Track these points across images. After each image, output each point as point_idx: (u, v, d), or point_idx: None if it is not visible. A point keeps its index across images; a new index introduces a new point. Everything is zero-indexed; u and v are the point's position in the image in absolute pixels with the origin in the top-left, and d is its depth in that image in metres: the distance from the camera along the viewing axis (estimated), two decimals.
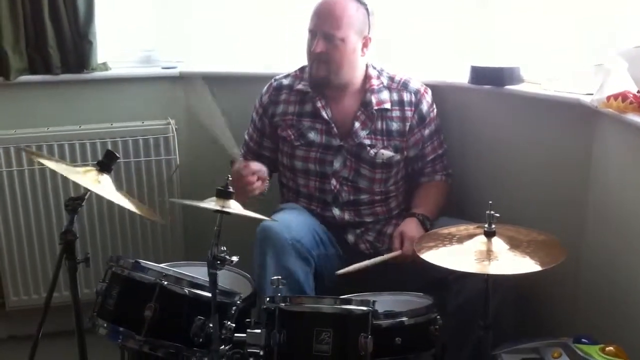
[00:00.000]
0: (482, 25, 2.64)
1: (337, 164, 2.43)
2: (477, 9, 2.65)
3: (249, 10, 2.90)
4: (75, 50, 2.81)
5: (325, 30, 2.32)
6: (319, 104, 2.43)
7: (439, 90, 2.58)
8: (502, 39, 2.61)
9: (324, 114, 2.42)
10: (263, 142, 2.55)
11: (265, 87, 2.55)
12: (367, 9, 2.37)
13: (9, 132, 2.77)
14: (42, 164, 2.47)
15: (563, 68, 2.39)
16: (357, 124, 2.41)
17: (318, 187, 2.45)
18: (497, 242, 1.86)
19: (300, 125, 2.44)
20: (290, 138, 2.45)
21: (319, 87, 2.42)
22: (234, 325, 1.89)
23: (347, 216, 2.45)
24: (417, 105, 2.45)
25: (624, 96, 2.00)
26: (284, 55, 2.88)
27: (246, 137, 2.60)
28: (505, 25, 2.59)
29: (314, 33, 2.35)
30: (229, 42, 2.95)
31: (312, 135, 2.43)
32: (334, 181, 2.43)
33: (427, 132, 2.48)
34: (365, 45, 2.38)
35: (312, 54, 2.36)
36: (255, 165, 2.35)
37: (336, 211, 2.44)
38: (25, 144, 2.75)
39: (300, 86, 2.47)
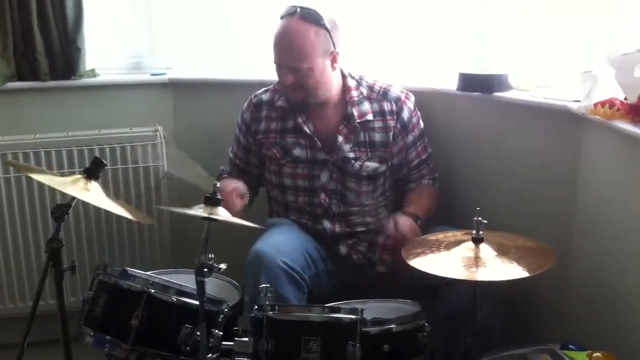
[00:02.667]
0: (471, 32, 2.65)
1: (324, 178, 2.41)
2: (467, 15, 2.66)
3: (238, 17, 2.91)
4: (64, 56, 2.81)
5: (290, 65, 2.30)
6: (300, 120, 2.41)
7: (427, 97, 2.58)
8: (491, 46, 2.62)
9: (306, 129, 2.40)
10: (249, 159, 2.53)
11: (246, 104, 2.53)
12: (327, 28, 2.30)
13: None
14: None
15: (551, 75, 2.40)
16: (340, 138, 2.40)
17: (307, 202, 2.43)
18: (485, 249, 1.86)
19: (284, 142, 2.42)
20: (276, 156, 2.43)
21: (299, 108, 2.40)
22: (221, 333, 1.88)
23: (337, 228, 2.43)
24: (398, 113, 2.43)
25: (611, 103, 2.01)
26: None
27: (231, 154, 2.58)
28: (494, 32, 2.60)
29: (279, 66, 2.33)
30: (218, 48, 2.95)
31: (297, 152, 2.41)
32: (322, 195, 2.41)
33: (410, 138, 2.46)
34: (334, 60, 2.35)
35: (283, 85, 2.35)
36: (232, 184, 2.33)
37: (327, 224, 2.42)
38: (12, 150, 2.73)
39: (280, 102, 2.45)
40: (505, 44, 2.58)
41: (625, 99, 2.00)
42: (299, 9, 2.30)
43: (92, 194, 1.98)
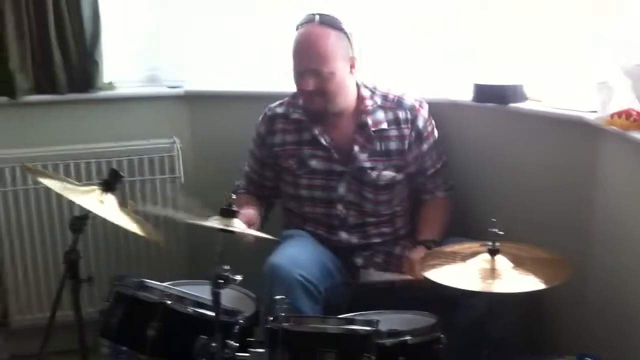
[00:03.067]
0: (485, 42, 2.64)
1: (341, 189, 2.41)
2: (480, 26, 2.65)
3: (253, 30, 2.91)
4: (81, 70, 2.84)
5: (312, 68, 2.30)
6: (316, 131, 2.41)
7: (442, 108, 2.57)
8: (506, 57, 2.61)
9: (322, 140, 2.41)
10: (265, 172, 2.53)
11: (260, 118, 2.53)
12: (346, 33, 2.34)
13: (15, 151, 2.78)
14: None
15: (567, 86, 2.39)
16: (356, 148, 2.40)
17: (325, 213, 2.43)
18: (501, 260, 1.86)
19: (301, 153, 2.42)
20: (292, 168, 2.43)
21: (317, 118, 2.41)
22: (237, 344, 1.88)
23: (354, 239, 2.43)
24: (413, 122, 2.44)
25: (627, 113, 2.00)
26: (288, 73, 2.88)
27: (247, 169, 2.57)
28: (509, 42, 2.59)
29: (301, 72, 2.33)
30: (234, 60, 2.96)
31: (314, 163, 2.41)
32: (340, 206, 2.41)
33: (425, 147, 2.47)
34: (352, 66, 2.37)
35: (304, 92, 2.35)
36: (243, 217, 2.24)
37: (343, 235, 2.42)
38: (31, 162, 2.74)
39: (295, 115, 2.45)
40: (514, 58, 2.57)
41: None
42: (317, 16, 2.33)
43: (107, 207, 2.00)
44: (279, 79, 2.88)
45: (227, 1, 2.92)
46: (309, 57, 2.31)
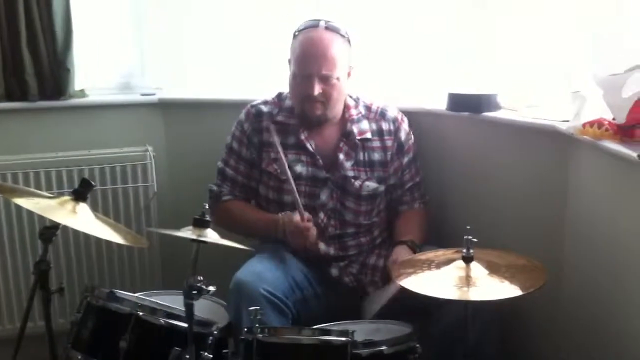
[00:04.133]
0: (460, 51, 2.66)
1: (323, 197, 2.39)
2: (455, 34, 2.67)
3: (229, 37, 2.90)
4: (53, 77, 2.80)
5: (322, 73, 2.28)
6: (302, 136, 2.39)
7: (416, 117, 2.59)
8: (480, 66, 2.63)
9: (308, 145, 2.38)
10: (252, 173, 2.45)
11: (244, 115, 2.46)
12: (349, 40, 2.35)
13: None
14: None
15: (540, 95, 2.41)
16: (341, 156, 2.39)
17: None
18: (476, 267, 1.86)
19: (286, 158, 2.37)
20: (276, 172, 2.38)
21: (313, 124, 2.38)
22: (211, 356, 1.86)
23: (332, 251, 2.40)
24: (395, 133, 2.45)
25: (599, 123, 2.02)
26: (264, 81, 2.87)
27: (229, 170, 2.46)
28: (483, 51, 2.61)
29: (308, 76, 2.29)
30: (208, 68, 2.94)
31: (299, 168, 2.38)
32: (321, 214, 2.39)
33: (405, 160, 2.47)
34: (349, 75, 2.37)
35: (308, 96, 2.31)
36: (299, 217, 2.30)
37: (322, 246, 2.38)
38: (1, 171, 2.72)
39: (280, 117, 2.42)
40: (488, 67, 2.59)
41: (613, 119, 2.01)
42: (322, 21, 2.32)
43: (80, 217, 1.97)
44: (254, 86, 2.90)
45: (202, 8, 2.90)
46: (319, 61, 2.28)
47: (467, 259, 1.86)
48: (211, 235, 1.85)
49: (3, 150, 2.78)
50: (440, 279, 1.85)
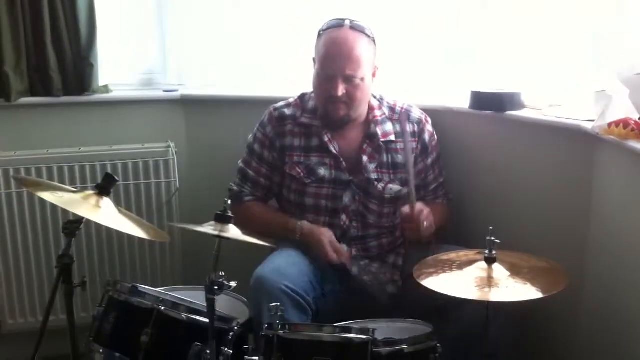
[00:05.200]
0: (483, 48, 2.64)
1: (346, 199, 2.37)
2: (479, 32, 2.65)
3: (251, 34, 2.90)
4: (77, 72, 2.82)
5: (346, 74, 2.26)
6: (326, 138, 2.37)
7: (439, 115, 2.57)
8: (504, 64, 2.61)
9: (332, 148, 2.37)
10: (274, 176, 2.45)
11: (266, 118, 2.45)
12: (374, 40, 2.33)
13: (8, 154, 2.76)
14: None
15: (565, 94, 2.38)
16: (365, 158, 2.37)
17: (328, 222, 2.38)
18: (498, 269, 1.85)
19: (309, 161, 2.37)
20: (300, 176, 2.37)
21: (337, 125, 2.37)
22: (231, 351, 1.87)
23: (354, 251, 2.39)
24: (419, 135, 2.43)
25: (625, 123, 2.00)
26: (286, 79, 2.88)
27: (251, 172, 2.45)
28: (507, 50, 2.59)
29: (332, 76, 2.27)
30: (231, 65, 2.94)
31: (322, 171, 2.36)
32: (344, 217, 2.38)
33: (429, 161, 2.46)
34: (374, 75, 2.35)
35: (332, 97, 2.29)
36: (326, 233, 2.32)
37: (344, 247, 2.37)
38: (25, 165, 2.75)
39: (304, 119, 2.40)
40: (513, 65, 2.57)
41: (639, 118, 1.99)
42: (347, 21, 2.31)
43: (104, 211, 1.98)
44: (275, 83, 2.91)
45: (224, 5, 2.91)
46: (344, 61, 2.26)
47: (490, 260, 1.85)
48: (233, 231, 1.86)
49: (27, 145, 2.81)
50: (462, 280, 1.85)
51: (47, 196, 2.01)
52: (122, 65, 2.99)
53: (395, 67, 2.74)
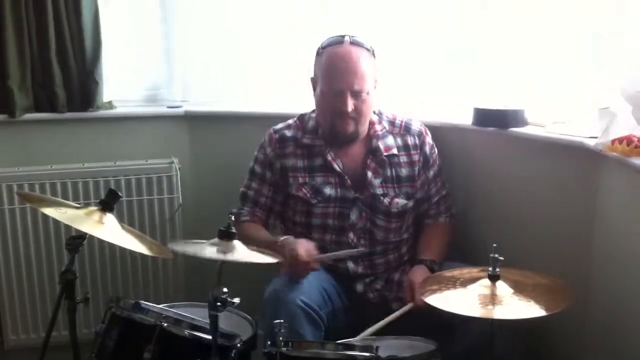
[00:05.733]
0: (486, 65, 2.65)
1: (353, 217, 2.36)
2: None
3: (255, 51, 2.92)
4: (81, 89, 2.83)
5: (354, 89, 2.26)
6: (329, 157, 2.37)
7: (442, 132, 2.57)
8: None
9: (335, 166, 2.36)
10: (277, 196, 2.44)
11: (267, 140, 2.44)
12: (373, 53, 2.34)
13: (12, 170, 2.76)
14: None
15: (568, 111, 2.39)
16: (369, 174, 2.37)
17: (335, 240, 2.37)
18: (502, 286, 1.84)
19: (314, 181, 2.36)
20: (306, 197, 2.36)
21: (344, 142, 2.36)
22: None
23: (360, 269, 2.39)
24: (421, 147, 2.43)
25: (628, 140, 2.00)
26: (290, 96, 2.88)
27: (250, 192, 2.45)
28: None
29: (340, 92, 2.27)
30: (235, 81, 2.96)
31: (328, 190, 2.36)
32: (351, 234, 2.37)
33: (431, 173, 2.46)
34: (375, 88, 2.35)
35: (341, 113, 2.29)
36: (306, 245, 2.23)
37: (350, 265, 2.37)
38: (29, 181, 2.75)
39: (305, 140, 2.40)
40: (515, 82, 2.57)
41: None
42: (347, 37, 2.32)
43: (107, 227, 1.98)
44: (279, 100, 2.91)
45: (229, 21, 2.92)
46: (351, 77, 2.26)
47: (493, 278, 1.84)
48: (237, 248, 1.85)
49: (31, 160, 2.82)
50: (466, 297, 1.84)
51: (51, 212, 2.01)
52: (126, 81, 3.00)
53: (396, 71, 2.75)
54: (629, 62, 2.07)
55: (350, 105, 2.27)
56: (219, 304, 1.76)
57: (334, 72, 2.29)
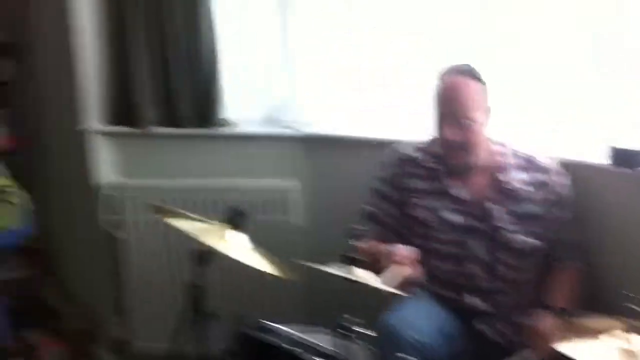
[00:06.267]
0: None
1: (473, 247, 2.32)
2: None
3: (378, 75, 2.91)
4: (203, 106, 2.92)
5: (463, 118, 2.25)
6: (450, 183, 2.34)
7: (576, 171, 2.43)
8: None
9: (457, 193, 2.34)
10: (397, 214, 2.42)
11: (390, 158, 2.46)
12: (484, 84, 2.31)
13: (137, 182, 2.85)
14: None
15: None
16: (491, 205, 2.32)
17: (453, 270, 2.33)
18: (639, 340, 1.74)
19: (434, 205, 2.34)
20: (425, 220, 2.35)
21: (457, 171, 2.34)
22: None
23: (480, 304, 2.32)
24: (550, 184, 2.35)
25: None
26: (408, 122, 2.85)
27: (377, 211, 2.44)
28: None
29: (443, 120, 2.28)
30: (358, 106, 2.95)
31: (448, 217, 2.33)
32: (470, 265, 2.33)
33: (563, 214, 2.36)
34: (487, 118, 2.32)
35: (447, 142, 2.29)
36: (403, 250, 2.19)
37: (469, 298, 2.32)
38: (152, 195, 2.82)
39: (428, 163, 2.39)
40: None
41: None
42: (465, 65, 2.31)
43: (236, 245, 2.03)
44: (402, 127, 2.88)
45: (350, 45, 2.92)
46: (459, 106, 2.26)
47: (632, 329, 1.74)
48: (361, 275, 1.83)
49: (155, 174, 2.90)
50: (599, 349, 1.74)
51: (184, 225, 2.06)
52: (247, 100, 3.06)
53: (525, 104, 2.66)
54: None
55: (457, 134, 2.26)
56: (351, 333, 1.74)
57: (445, 99, 2.30)
